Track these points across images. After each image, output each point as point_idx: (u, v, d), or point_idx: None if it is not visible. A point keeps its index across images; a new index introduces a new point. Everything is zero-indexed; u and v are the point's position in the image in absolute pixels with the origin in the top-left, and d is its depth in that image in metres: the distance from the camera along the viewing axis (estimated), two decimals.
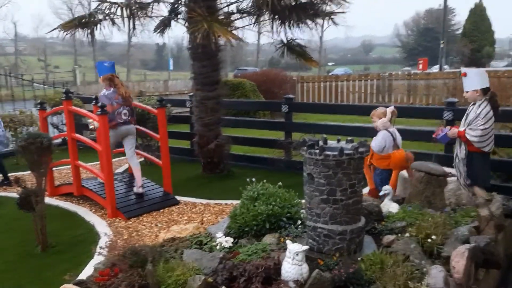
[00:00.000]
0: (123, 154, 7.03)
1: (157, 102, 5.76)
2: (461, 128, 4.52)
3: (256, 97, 12.66)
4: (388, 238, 3.43)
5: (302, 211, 3.84)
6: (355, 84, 16.98)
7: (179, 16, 7.14)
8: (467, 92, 4.52)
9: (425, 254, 3.17)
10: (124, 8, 6.02)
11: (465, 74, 4.55)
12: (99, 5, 6.21)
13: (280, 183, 4.05)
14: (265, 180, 4.11)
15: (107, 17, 6.25)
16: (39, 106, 6.05)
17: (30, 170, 4.36)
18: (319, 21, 6.62)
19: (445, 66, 31.01)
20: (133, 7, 6.09)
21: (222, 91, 6.87)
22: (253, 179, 4.07)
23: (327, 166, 3.10)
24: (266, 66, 44.77)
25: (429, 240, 3.23)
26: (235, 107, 9.91)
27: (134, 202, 5.50)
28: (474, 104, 4.49)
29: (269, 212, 3.66)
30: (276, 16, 6.35)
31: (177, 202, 5.72)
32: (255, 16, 6.98)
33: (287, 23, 6.41)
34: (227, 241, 3.60)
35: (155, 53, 70.36)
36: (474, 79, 4.50)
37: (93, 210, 5.55)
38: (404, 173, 5.32)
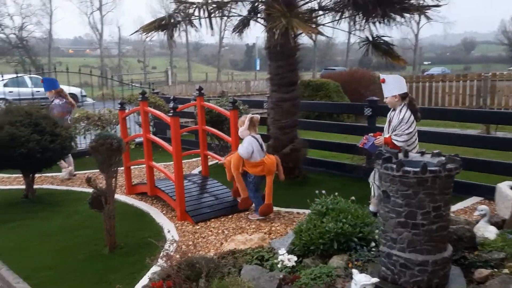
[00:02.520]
0: (197, 155, 7.02)
1: (230, 104, 5.58)
2: (386, 135, 4.65)
3: (340, 98, 12.08)
4: (481, 272, 2.85)
5: (377, 231, 3.37)
6: (452, 85, 15.56)
7: (258, 15, 6.92)
8: (386, 98, 4.65)
9: None
10: (201, 8, 5.93)
11: (383, 81, 4.66)
12: (177, 6, 6.20)
13: (353, 198, 3.62)
14: (336, 193, 3.70)
15: (185, 18, 6.22)
16: (119, 106, 6.19)
17: (99, 170, 4.39)
18: (409, 16, 5.98)
19: None
20: (210, 7, 5.98)
21: (299, 93, 6.52)
22: (323, 191, 3.69)
23: (406, 184, 2.63)
24: (356, 65, 43.28)
25: None
26: (314, 109, 9.51)
27: (204, 206, 5.38)
28: (394, 110, 4.63)
29: (338, 231, 3.26)
30: (359, 12, 5.84)
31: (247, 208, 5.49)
32: (338, 13, 6.54)
33: (371, 19, 5.87)
34: (290, 260, 3.28)
35: (244, 53, 71.78)
36: (392, 85, 4.60)
37: (164, 212, 5.53)
38: (505, 189, 4.57)
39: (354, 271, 2.55)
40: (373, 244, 3.26)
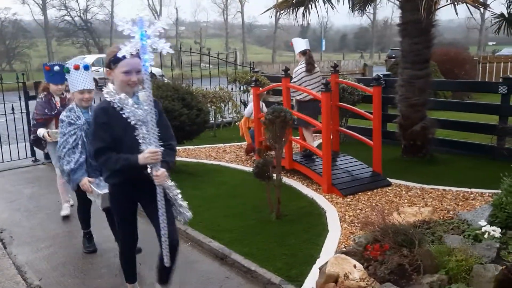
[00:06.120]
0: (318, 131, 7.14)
1: (374, 81, 5.63)
2: None
3: (436, 77, 11.82)
4: None
5: None
6: None
7: None
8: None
9: None
10: None
11: (291, 44, 6.23)
12: None
13: None
14: None
15: None
16: (253, 84, 6.39)
17: (271, 141, 4.61)
18: None
19: None
20: None
21: (431, 70, 6.46)
22: None
23: None
24: None
25: None
26: (443, 88, 9.98)
27: (347, 180, 5.52)
28: None
29: None
30: None
31: (389, 184, 5.57)
32: None
33: None
34: (495, 231, 3.35)
35: (299, 34, 70.86)
36: (295, 46, 6.10)
37: (305, 184, 5.72)
38: None
39: None
40: None
